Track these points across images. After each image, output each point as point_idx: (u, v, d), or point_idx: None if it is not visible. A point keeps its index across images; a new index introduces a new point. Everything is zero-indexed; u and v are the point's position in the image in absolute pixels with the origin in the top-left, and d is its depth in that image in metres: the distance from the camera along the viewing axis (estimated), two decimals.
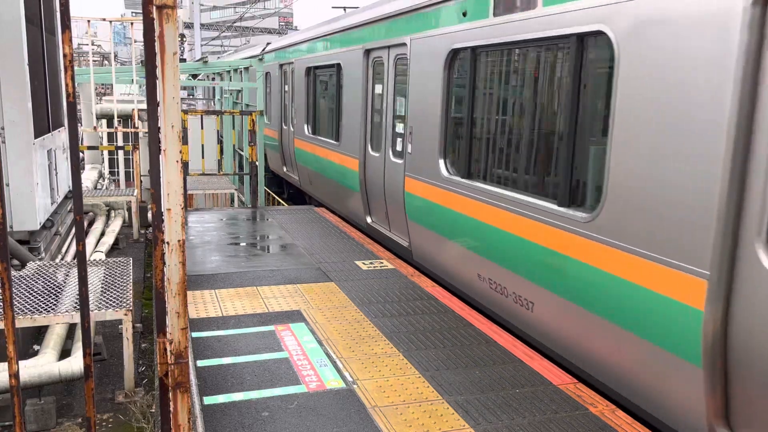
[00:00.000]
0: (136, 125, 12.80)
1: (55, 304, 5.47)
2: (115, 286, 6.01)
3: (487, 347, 5.36)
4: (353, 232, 9.59)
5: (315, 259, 7.95)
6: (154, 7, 2.38)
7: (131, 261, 6.97)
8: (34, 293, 5.74)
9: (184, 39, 35.31)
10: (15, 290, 5.77)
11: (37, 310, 5.32)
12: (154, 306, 4.22)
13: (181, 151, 2.54)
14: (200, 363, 4.90)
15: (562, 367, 5.11)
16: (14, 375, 2.75)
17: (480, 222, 6.16)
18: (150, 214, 10.25)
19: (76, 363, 5.14)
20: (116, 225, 10.48)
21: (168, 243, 2.56)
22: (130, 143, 13.49)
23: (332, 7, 24.11)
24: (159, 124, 2.49)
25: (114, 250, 10.09)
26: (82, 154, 13.78)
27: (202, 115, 12.86)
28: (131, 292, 5.91)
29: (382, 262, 7.84)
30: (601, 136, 4.70)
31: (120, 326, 5.52)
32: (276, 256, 8.10)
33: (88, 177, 13.50)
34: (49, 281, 6.11)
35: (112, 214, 11.25)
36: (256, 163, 11.74)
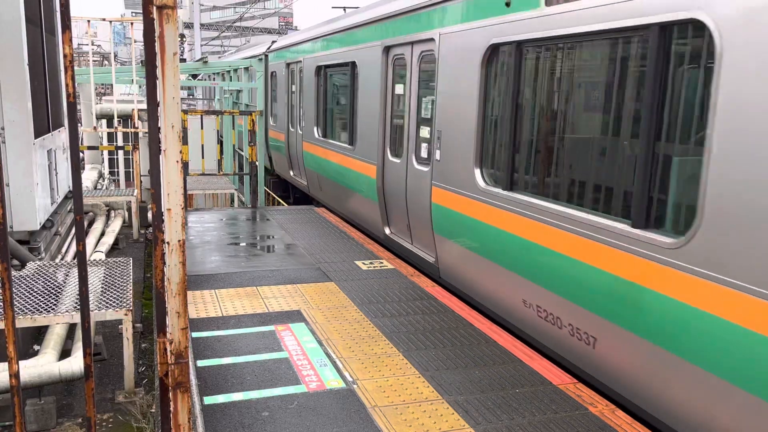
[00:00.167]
0: (136, 125, 12.80)
1: (55, 304, 5.47)
2: (115, 286, 6.01)
3: (487, 347, 5.36)
4: (353, 232, 9.59)
5: (315, 259, 7.95)
6: (155, 8, 2.39)
7: (131, 261, 6.97)
8: (34, 293, 5.74)
9: (184, 39, 35.31)
10: (15, 290, 5.77)
11: (37, 310, 5.32)
12: (154, 306, 4.23)
13: (181, 151, 2.54)
14: (200, 363, 4.90)
15: (562, 367, 5.11)
16: (14, 375, 2.75)
17: (528, 241, 5.35)
18: (150, 214, 10.27)
19: (76, 363, 5.15)
20: (116, 225, 10.49)
21: (168, 243, 2.56)
22: (130, 143, 13.50)
23: (332, 7, 24.11)
24: (159, 124, 2.50)
25: (114, 250, 10.09)
26: (82, 154, 13.78)
27: (202, 115, 12.86)
28: (131, 292, 5.91)
29: (382, 262, 7.84)
30: (695, 143, 3.98)
31: (120, 326, 5.52)
32: (276, 256, 8.10)
33: (88, 177, 13.51)
34: (49, 281, 6.11)
35: (112, 214, 11.26)
36: (256, 163, 11.75)
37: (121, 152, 16.18)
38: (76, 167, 2.67)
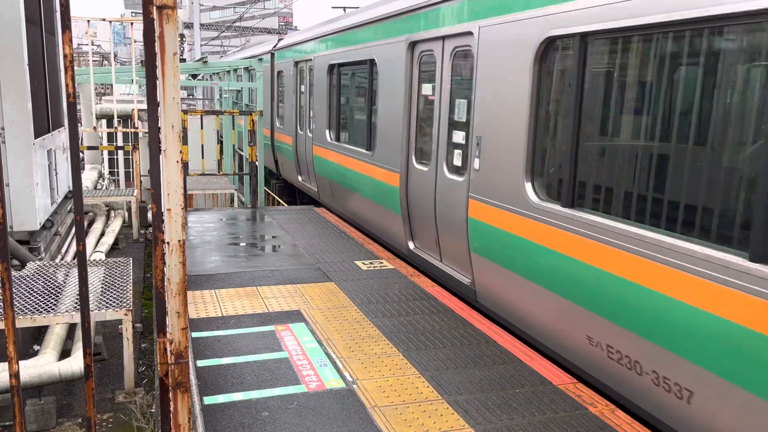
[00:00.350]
0: (136, 125, 12.80)
1: (55, 304, 5.47)
2: (115, 286, 6.01)
3: (487, 347, 5.36)
4: (353, 232, 9.59)
5: (315, 259, 7.95)
6: (155, 8, 2.39)
7: (131, 261, 6.97)
8: (34, 293, 5.74)
9: (184, 39, 35.31)
10: (15, 290, 5.77)
11: (37, 311, 5.32)
12: (154, 306, 4.23)
13: (181, 151, 2.54)
14: (200, 363, 4.91)
15: (562, 367, 5.12)
16: (14, 375, 2.75)
17: (597, 270, 4.54)
18: (150, 214, 10.28)
19: (76, 363, 5.15)
20: (116, 225, 10.49)
21: (168, 243, 2.56)
22: (130, 143, 13.51)
23: (332, 7, 24.11)
24: (159, 124, 2.50)
25: (114, 250, 10.10)
26: (82, 154, 13.79)
27: (202, 115, 12.87)
28: (131, 292, 5.91)
29: (382, 262, 7.84)
30: None
31: (120, 326, 5.52)
32: (276, 256, 8.10)
33: (88, 177, 13.52)
34: (49, 281, 6.11)
35: (112, 214, 11.26)
36: (256, 163, 11.75)
37: (121, 152, 16.18)
38: (76, 167, 2.67)
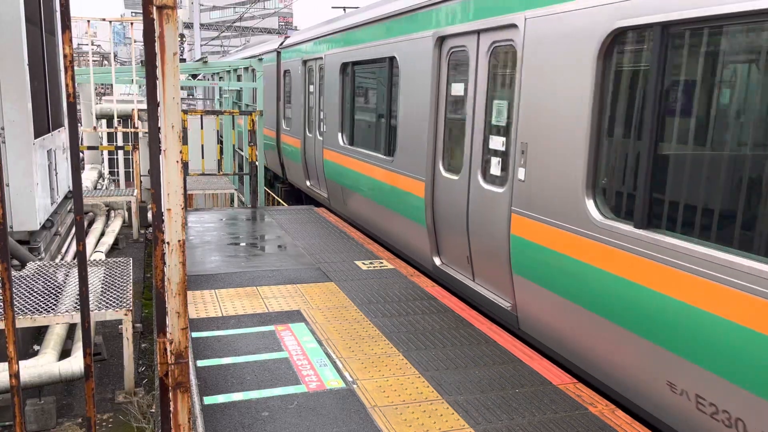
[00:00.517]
0: (136, 125, 12.80)
1: (55, 304, 5.47)
2: (115, 286, 6.01)
3: (487, 347, 5.36)
4: (353, 232, 9.59)
5: (315, 259, 7.95)
6: (155, 8, 2.39)
7: (131, 261, 6.97)
8: (34, 293, 5.74)
9: (184, 39, 35.32)
10: (15, 290, 5.77)
11: (37, 311, 5.32)
12: (154, 306, 4.23)
13: (181, 151, 2.54)
14: (200, 363, 4.91)
15: (562, 367, 5.12)
16: (14, 375, 2.75)
17: (685, 305, 3.88)
18: (150, 214, 10.28)
19: (76, 363, 5.15)
20: (116, 225, 10.49)
21: (168, 243, 2.56)
22: (130, 143, 13.51)
23: (332, 7, 24.12)
24: (159, 124, 2.50)
25: (114, 250, 10.10)
26: (81, 154, 13.79)
27: (202, 115, 12.87)
28: (131, 292, 5.91)
29: (382, 262, 7.84)
30: None
31: (120, 326, 5.52)
32: (276, 256, 8.10)
33: (88, 177, 13.52)
34: (49, 281, 6.11)
35: (112, 214, 11.26)
36: (256, 163, 11.75)
37: (121, 152, 16.18)
38: (76, 167, 2.67)
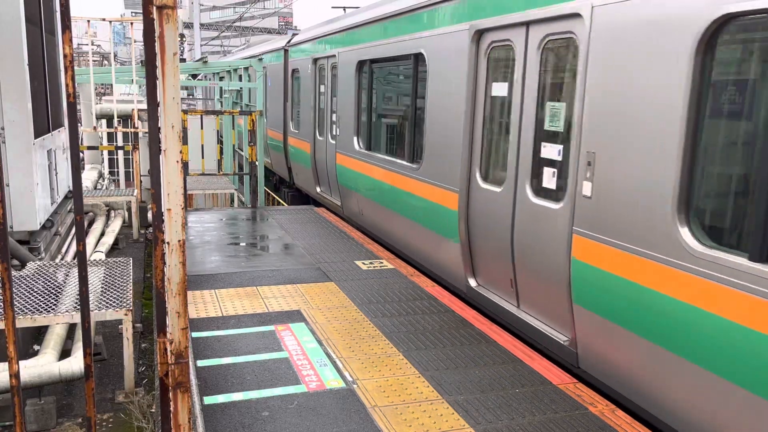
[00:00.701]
0: (136, 125, 12.80)
1: (55, 304, 5.47)
2: (115, 286, 6.01)
3: (487, 347, 5.36)
4: (353, 231, 9.59)
5: (315, 259, 7.95)
6: (155, 8, 2.39)
7: (131, 261, 6.97)
8: (34, 293, 5.74)
9: (184, 39, 35.32)
10: (15, 290, 5.77)
11: (38, 310, 5.32)
12: (154, 306, 4.23)
13: (181, 151, 2.54)
14: (200, 363, 4.91)
15: (562, 367, 5.12)
16: (15, 375, 2.75)
17: None
18: (150, 214, 10.28)
19: (76, 363, 5.15)
20: (116, 225, 10.49)
21: (168, 243, 2.56)
22: (130, 143, 13.51)
23: (332, 7, 24.10)
24: (159, 124, 2.50)
25: (114, 250, 10.10)
26: (82, 154, 13.79)
27: (202, 115, 12.87)
28: (131, 292, 5.91)
29: (382, 262, 7.84)
30: None
31: (120, 326, 5.52)
32: (276, 256, 8.10)
33: (88, 177, 13.52)
34: (49, 281, 6.11)
35: (112, 214, 11.26)
36: (256, 163, 11.75)
37: (121, 152, 16.17)
38: (76, 167, 2.67)
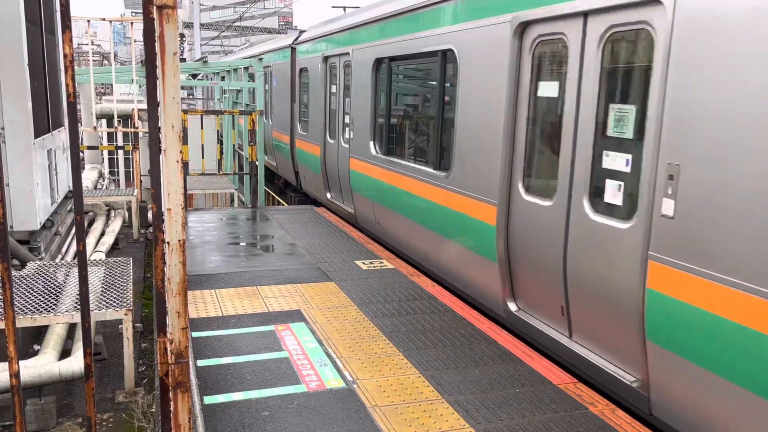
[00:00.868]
0: (136, 125, 12.80)
1: (56, 304, 5.47)
2: (115, 286, 6.01)
3: (487, 347, 5.36)
4: (353, 231, 9.59)
5: (315, 258, 7.95)
6: (155, 7, 2.39)
7: (131, 261, 6.97)
8: (35, 293, 5.74)
9: (184, 39, 35.32)
10: (15, 290, 5.77)
11: (38, 310, 5.32)
12: (154, 306, 4.23)
13: (181, 151, 2.54)
14: (200, 363, 4.91)
15: (563, 367, 5.12)
16: (15, 375, 2.75)
17: None
18: (150, 214, 10.28)
19: (76, 363, 5.15)
20: (116, 225, 10.49)
21: (168, 243, 2.56)
22: (130, 143, 13.51)
23: (332, 7, 24.10)
24: (159, 124, 2.50)
25: (114, 250, 10.09)
26: (82, 154, 13.78)
27: (202, 115, 12.87)
28: (131, 291, 5.91)
29: (382, 262, 7.84)
30: None
31: (120, 326, 5.52)
32: (276, 255, 8.10)
33: (88, 177, 13.52)
34: (50, 281, 6.11)
35: (112, 214, 11.26)
36: (256, 162, 11.75)
37: (121, 152, 16.17)
38: (77, 167, 2.67)
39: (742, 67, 3.57)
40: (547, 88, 5.33)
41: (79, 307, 5.17)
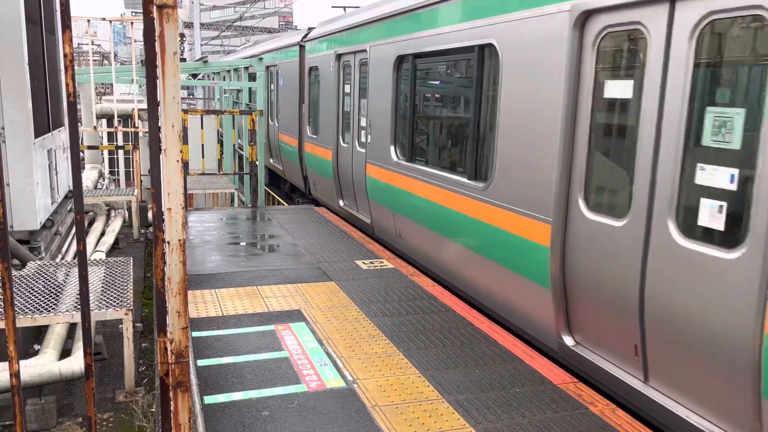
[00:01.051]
0: (136, 125, 12.81)
1: (56, 304, 5.47)
2: (116, 286, 6.01)
3: (488, 346, 5.36)
4: (354, 231, 9.58)
5: (315, 258, 7.95)
6: (155, 7, 2.39)
7: (131, 260, 6.97)
8: (35, 293, 5.74)
9: (184, 38, 35.34)
10: (15, 290, 5.77)
11: (38, 310, 5.32)
12: (154, 305, 4.23)
13: (182, 151, 2.54)
14: (200, 362, 4.91)
15: (563, 366, 5.11)
16: (15, 374, 2.75)
17: None
18: (150, 214, 10.28)
19: (76, 362, 5.15)
20: (116, 225, 10.49)
21: (168, 242, 2.56)
22: (130, 143, 13.51)
23: (332, 7, 24.11)
24: (159, 124, 2.50)
25: (114, 250, 10.10)
26: (82, 154, 13.78)
27: (203, 115, 12.87)
28: (131, 291, 5.91)
29: (383, 262, 7.84)
30: None
31: (120, 326, 5.52)
32: (276, 255, 8.10)
33: (88, 177, 13.52)
34: (50, 281, 6.11)
35: (112, 213, 11.27)
36: (256, 162, 11.75)
37: (121, 152, 16.18)
38: (77, 167, 2.67)
39: None
40: (618, 89, 4.56)
41: (79, 307, 5.17)
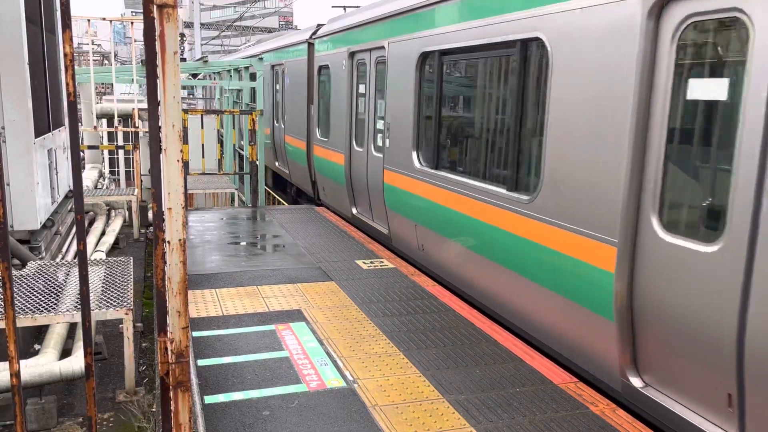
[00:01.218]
0: (137, 125, 12.81)
1: (56, 304, 5.47)
2: (116, 286, 6.01)
3: (488, 346, 5.36)
4: (354, 231, 9.58)
5: (315, 258, 7.95)
6: (155, 7, 2.39)
7: (132, 260, 6.97)
8: (35, 293, 5.74)
9: (184, 38, 35.33)
10: (16, 290, 5.77)
11: (38, 310, 5.32)
12: (154, 305, 4.23)
13: (182, 151, 2.54)
14: (201, 362, 4.91)
15: (563, 366, 5.11)
16: (15, 374, 2.75)
17: None
18: (150, 214, 10.27)
19: (76, 362, 5.15)
20: (116, 224, 10.50)
21: (169, 242, 2.56)
22: (131, 143, 13.51)
23: (332, 7, 24.10)
24: (159, 124, 2.50)
25: (114, 250, 10.10)
26: (82, 154, 13.77)
27: (203, 115, 12.87)
28: (132, 291, 5.91)
29: (383, 262, 7.84)
30: None
31: (120, 325, 5.52)
32: (276, 255, 8.10)
33: (89, 176, 13.53)
34: (50, 281, 6.11)
35: (113, 213, 11.27)
36: (256, 162, 11.75)
37: (121, 152, 16.18)
38: (77, 166, 2.67)
39: None
40: (707, 89, 3.86)
41: (79, 307, 5.16)
